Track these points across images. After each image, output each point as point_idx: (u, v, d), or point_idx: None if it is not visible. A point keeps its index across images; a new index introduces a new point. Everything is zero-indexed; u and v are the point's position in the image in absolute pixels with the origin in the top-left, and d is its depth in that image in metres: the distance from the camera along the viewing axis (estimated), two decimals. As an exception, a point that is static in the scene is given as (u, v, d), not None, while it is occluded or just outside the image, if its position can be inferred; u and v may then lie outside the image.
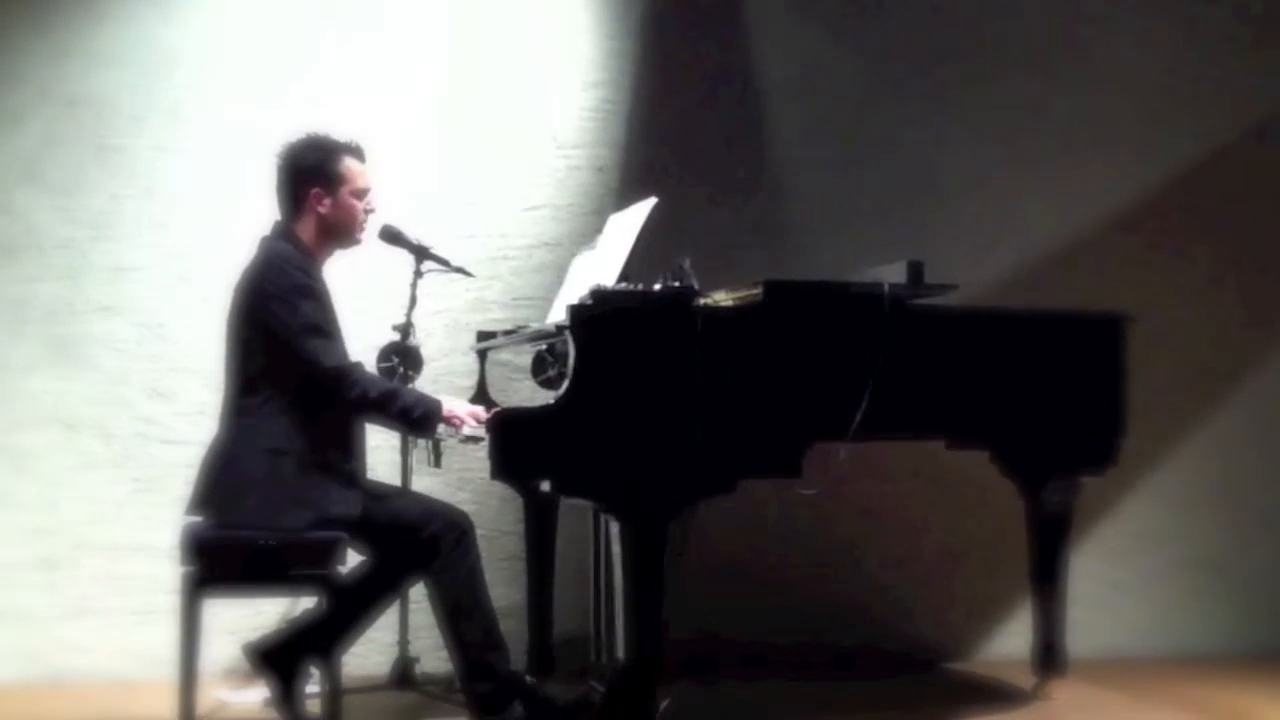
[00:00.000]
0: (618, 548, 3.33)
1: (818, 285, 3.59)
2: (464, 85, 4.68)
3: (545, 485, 3.34)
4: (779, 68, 4.85)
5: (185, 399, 4.43)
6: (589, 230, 4.42)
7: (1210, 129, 4.99)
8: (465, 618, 3.48)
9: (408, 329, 4.01)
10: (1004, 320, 3.85)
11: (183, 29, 4.57)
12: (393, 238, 3.98)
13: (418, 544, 3.49)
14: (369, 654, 4.24)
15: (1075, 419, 3.88)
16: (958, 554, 4.81)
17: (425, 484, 4.21)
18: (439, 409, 3.50)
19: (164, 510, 4.12)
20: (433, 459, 3.71)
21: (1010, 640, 4.66)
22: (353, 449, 3.59)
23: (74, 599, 4.39)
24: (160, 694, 3.57)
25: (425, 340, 4.16)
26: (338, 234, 3.64)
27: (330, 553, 3.40)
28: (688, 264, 3.42)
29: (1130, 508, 4.90)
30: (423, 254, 4.01)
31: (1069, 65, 4.95)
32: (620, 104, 4.77)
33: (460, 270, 4.07)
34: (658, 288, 3.42)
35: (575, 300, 3.36)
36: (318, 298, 3.51)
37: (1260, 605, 4.93)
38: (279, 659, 3.64)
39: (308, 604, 3.74)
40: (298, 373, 3.45)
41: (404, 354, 3.99)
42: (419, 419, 3.48)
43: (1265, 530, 4.98)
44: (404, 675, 4.22)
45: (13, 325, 4.44)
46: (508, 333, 4.23)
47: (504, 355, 4.35)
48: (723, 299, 3.49)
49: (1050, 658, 4.04)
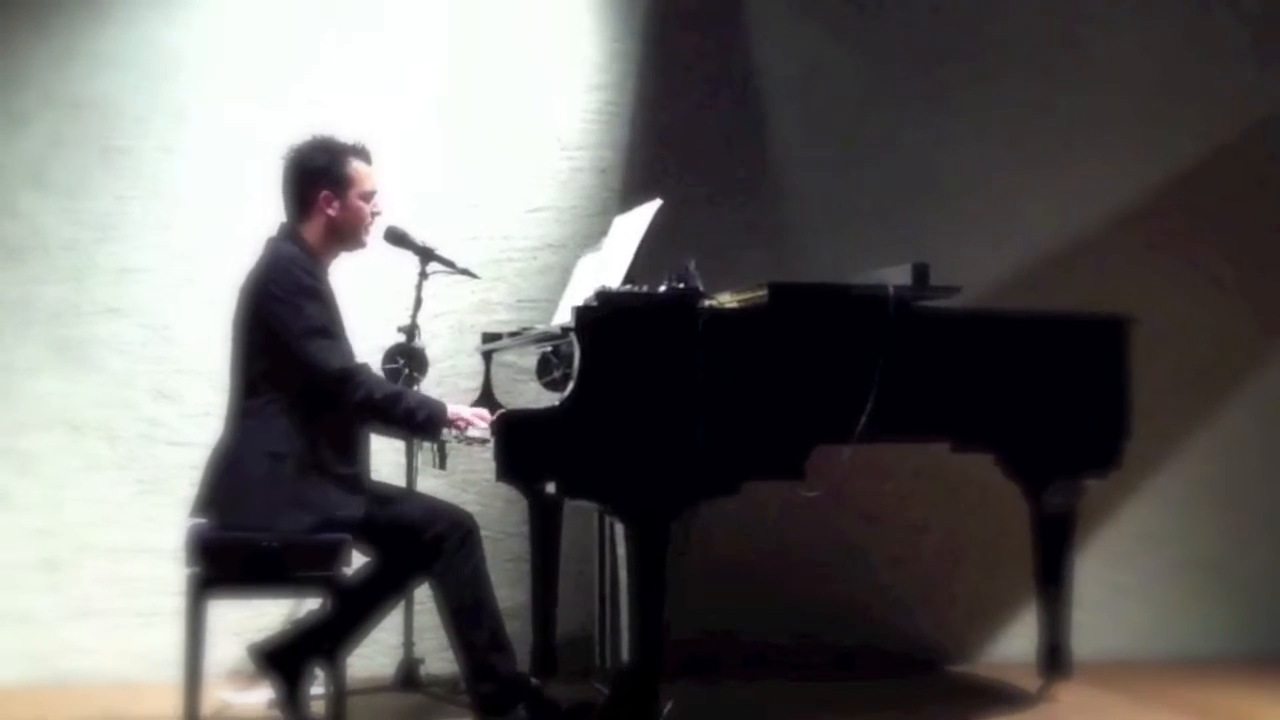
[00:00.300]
0: (622, 549, 3.34)
1: (822, 287, 3.59)
2: (467, 87, 4.68)
3: (550, 486, 3.34)
4: (780, 68, 4.86)
5: (190, 401, 4.43)
6: (593, 232, 4.43)
7: (1212, 128, 5.00)
8: (470, 619, 3.48)
9: (413, 330, 4.01)
10: (1008, 322, 3.85)
11: (186, 31, 4.57)
12: (398, 239, 3.99)
13: (421, 545, 3.49)
14: (374, 655, 4.24)
15: (1079, 421, 3.88)
16: (960, 555, 4.81)
17: (430, 485, 4.22)
18: (443, 412, 3.49)
19: (168, 512, 4.13)
20: (437, 461, 3.71)
21: (1014, 642, 4.67)
22: (356, 452, 3.59)
23: (78, 600, 4.39)
24: (164, 695, 3.57)
25: (430, 342, 4.16)
26: (345, 236, 3.64)
27: (334, 554, 3.40)
28: (693, 265, 3.43)
29: (1132, 510, 4.90)
30: (428, 255, 4.02)
31: (1070, 65, 4.96)
32: (623, 106, 4.78)
33: (465, 272, 4.08)
34: (662, 289, 3.43)
35: (580, 302, 3.37)
36: (323, 299, 3.51)
37: (1262, 607, 4.93)
38: (284, 660, 3.65)
39: (312, 605, 3.75)
40: (301, 375, 3.45)
41: (409, 355, 3.99)
42: (423, 422, 3.48)
43: (1267, 532, 4.98)
44: (409, 676, 4.22)
45: (18, 327, 4.45)
46: (513, 334, 4.24)
47: (509, 357, 4.36)
48: (727, 301, 3.49)
49: (1055, 660, 4.04)
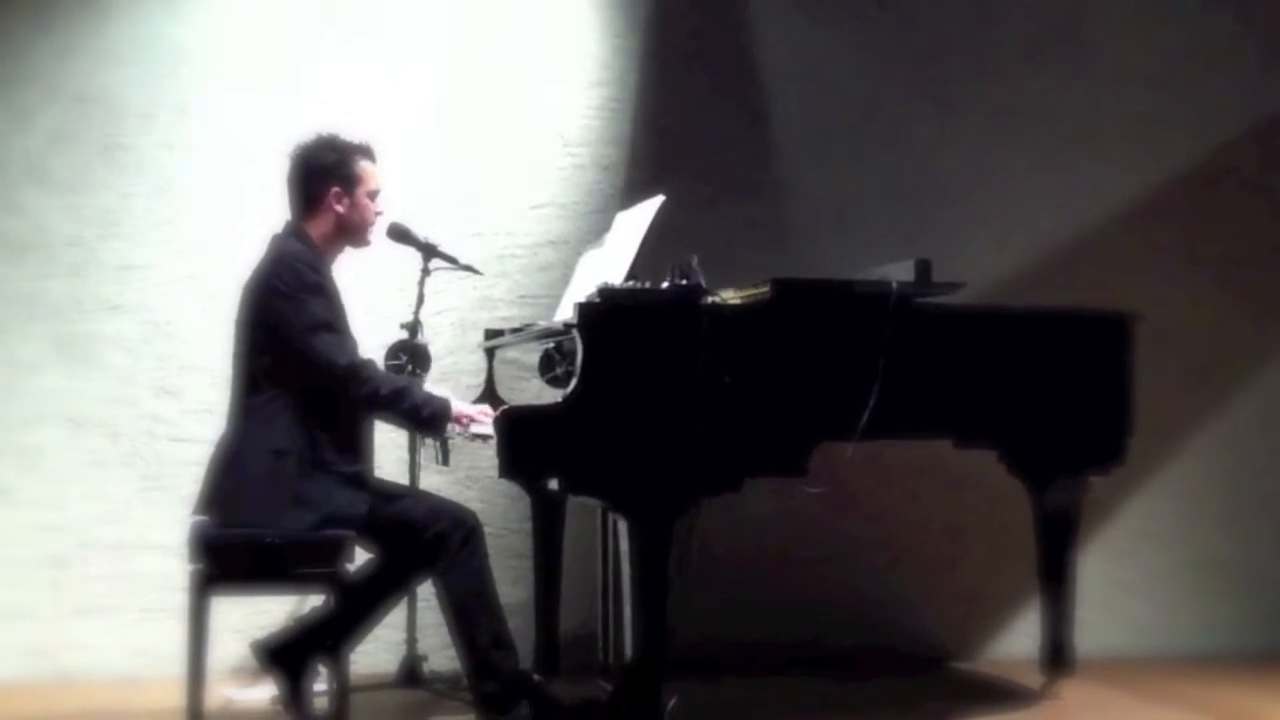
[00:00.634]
0: (625, 545, 3.33)
1: (825, 283, 3.58)
2: (469, 83, 4.68)
3: (553, 483, 3.34)
4: (783, 65, 4.85)
5: (193, 397, 4.43)
6: (595, 228, 4.43)
7: (1214, 126, 4.99)
8: (473, 617, 3.48)
9: (415, 327, 4.01)
10: (1011, 319, 3.85)
11: (190, 26, 4.57)
12: (401, 236, 3.99)
13: (424, 543, 3.49)
14: (377, 652, 4.24)
15: (1082, 418, 3.88)
16: (963, 552, 4.81)
17: (433, 482, 4.22)
18: (448, 409, 3.49)
19: (171, 508, 4.13)
20: (440, 457, 3.71)
21: (1017, 639, 4.66)
22: (360, 449, 3.59)
23: (81, 597, 4.39)
24: (167, 692, 3.57)
25: (433, 338, 4.15)
26: (351, 234, 3.65)
27: (337, 551, 3.40)
28: (695, 262, 3.42)
29: (1135, 507, 4.89)
30: (430, 252, 4.02)
31: (1072, 63, 4.95)
32: (626, 102, 4.77)
33: (468, 268, 4.08)
34: (665, 286, 3.43)
35: (583, 298, 3.36)
36: (327, 295, 3.51)
37: (1266, 605, 4.92)
38: (287, 657, 3.65)
39: (315, 602, 3.75)
40: (306, 371, 3.45)
41: (412, 352, 3.99)
42: (428, 418, 3.49)
43: (1271, 530, 4.97)
44: (412, 673, 4.22)
45: (21, 323, 4.45)
46: (515, 331, 4.23)
47: (511, 353, 4.35)
48: (730, 297, 3.48)
49: (1059, 657, 4.04)
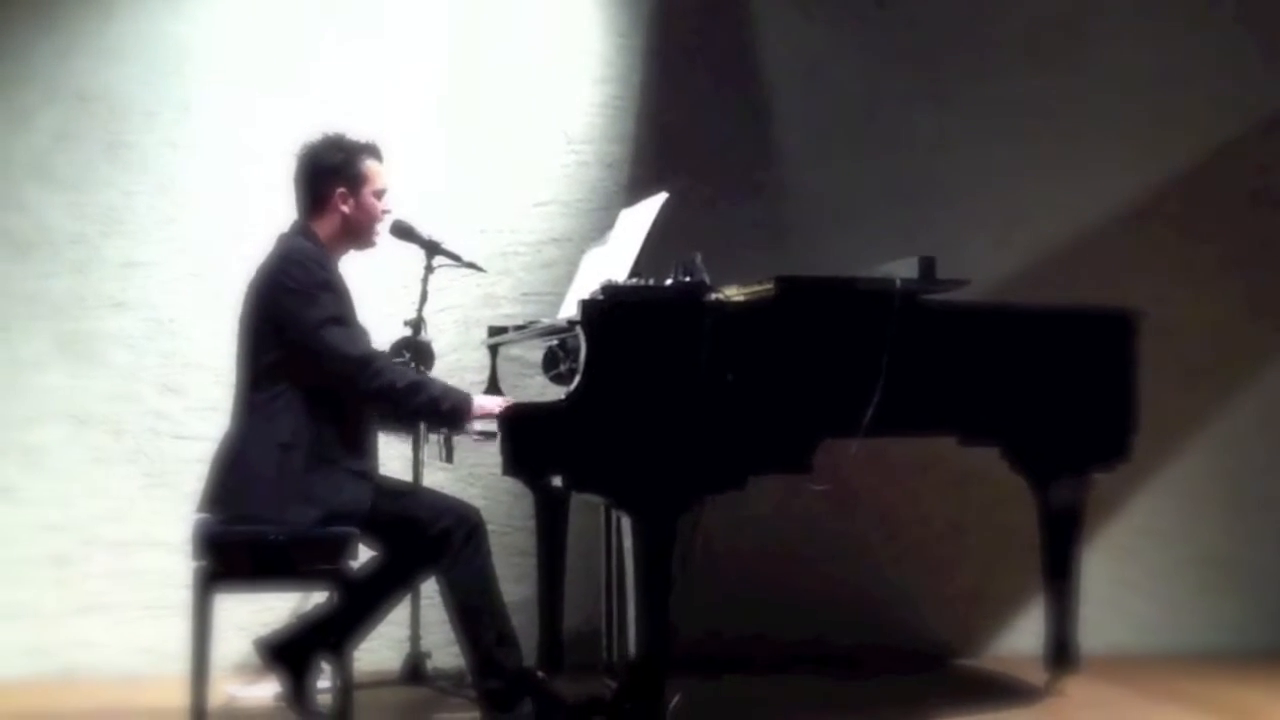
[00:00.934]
0: (628, 543, 3.33)
1: (829, 281, 3.58)
2: (473, 81, 4.68)
3: (556, 481, 3.33)
4: (787, 63, 4.85)
5: (196, 394, 4.43)
6: (599, 226, 4.43)
7: (1216, 124, 4.98)
8: (476, 614, 3.48)
9: (419, 324, 4.00)
10: (1015, 316, 3.85)
11: (192, 23, 4.57)
12: (404, 233, 3.98)
13: (428, 540, 3.48)
14: (380, 649, 4.24)
15: (1086, 415, 3.88)
16: (967, 549, 4.81)
17: (436, 479, 4.22)
18: (468, 403, 3.44)
19: (175, 505, 4.13)
20: (444, 454, 3.71)
21: (1021, 637, 4.66)
22: (365, 446, 3.58)
23: (85, 594, 4.39)
24: (171, 689, 3.56)
25: (436, 336, 4.15)
26: (357, 234, 3.64)
27: (341, 548, 3.39)
28: (699, 259, 3.42)
29: (1139, 505, 4.89)
30: (434, 249, 4.02)
31: (1075, 62, 4.94)
32: (629, 100, 4.77)
33: (471, 265, 4.07)
34: (669, 283, 3.42)
35: (586, 295, 3.36)
36: (337, 291, 3.50)
37: (1269, 602, 4.92)
38: (291, 654, 3.65)
39: (319, 599, 3.75)
40: (317, 366, 3.44)
41: (415, 349, 3.98)
42: (448, 411, 3.44)
43: (1273, 527, 4.96)
44: (415, 670, 4.22)
45: (24, 321, 4.45)
46: (519, 328, 4.23)
47: (515, 351, 4.35)
48: (734, 294, 3.48)
49: (1063, 654, 4.04)
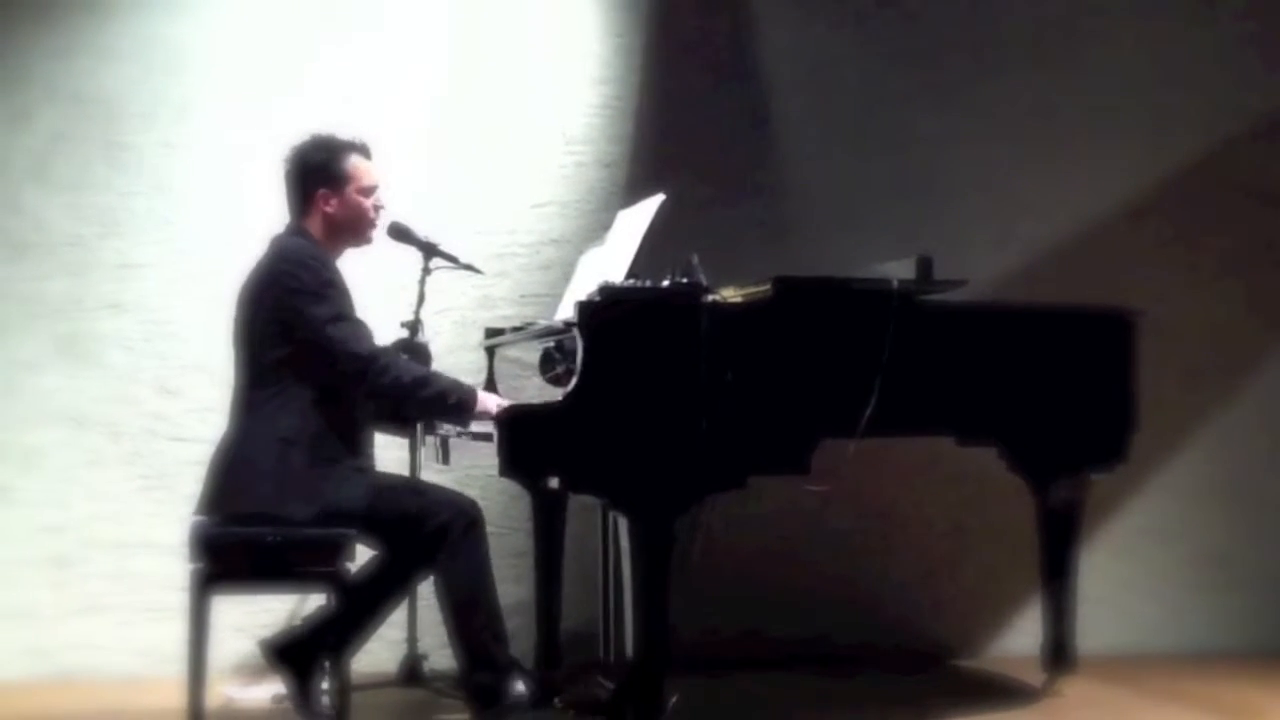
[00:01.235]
0: (626, 544, 3.33)
1: (827, 281, 3.58)
2: (470, 81, 4.67)
3: (554, 482, 3.34)
4: (786, 62, 4.85)
5: (194, 396, 4.42)
6: (596, 227, 4.42)
7: (1219, 122, 4.98)
8: (472, 607, 3.48)
9: (416, 326, 4.01)
10: (1013, 316, 3.85)
11: (190, 26, 4.57)
12: (401, 234, 3.98)
13: (427, 534, 3.48)
14: (378, 651, 4.21)
15: (1085, 415, 3.88)
16: (965, 549, 4.80)
17: (433, 481, 4.20)
18: (474, 398, 3.47)
19: (172, 507, 4.12)
20: (440, 456, 3.71)
21: (1019, 637, 4.65)
22: (361, 443, 3.59)
23: (83, 596, 4.39)
24: (169, 691, 3.56)
25: (433, 337, 4.15)
26: (347, 233, 3.65)
27: (339, 550, 3.40)
28: (696, 260, 3.42)
29: (1138, 504, 4.89)
30: (431, 251, 4.02)
31: (1075, 60, 4.94)
32: (627, 100, 4.77)
33: (468, 267, 4.07)
34: (666, 284, 3.42)
35: (584, 297, 3.36)
36: (341, 289, 3.52)
37: (1269, 601, 4.92)
38: (294, 656, 3.65)
39: (317, 601, 3.74)
40: (325, 363, 3.45)
41: (412, 351, 3.98)
42: (455, 405, 3.47)
43: (1273, 526, 4.96)
44: (412, 672, 4.22)
45: (22, 322, 4.45)
46: (516, 329, 4.23)
47: (512, 352, 4.35)
48: (731, 295, 3.48)
49: (1060, 655, 4.03)
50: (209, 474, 3.51)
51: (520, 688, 3.48)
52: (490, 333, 4.36)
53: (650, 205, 3.65)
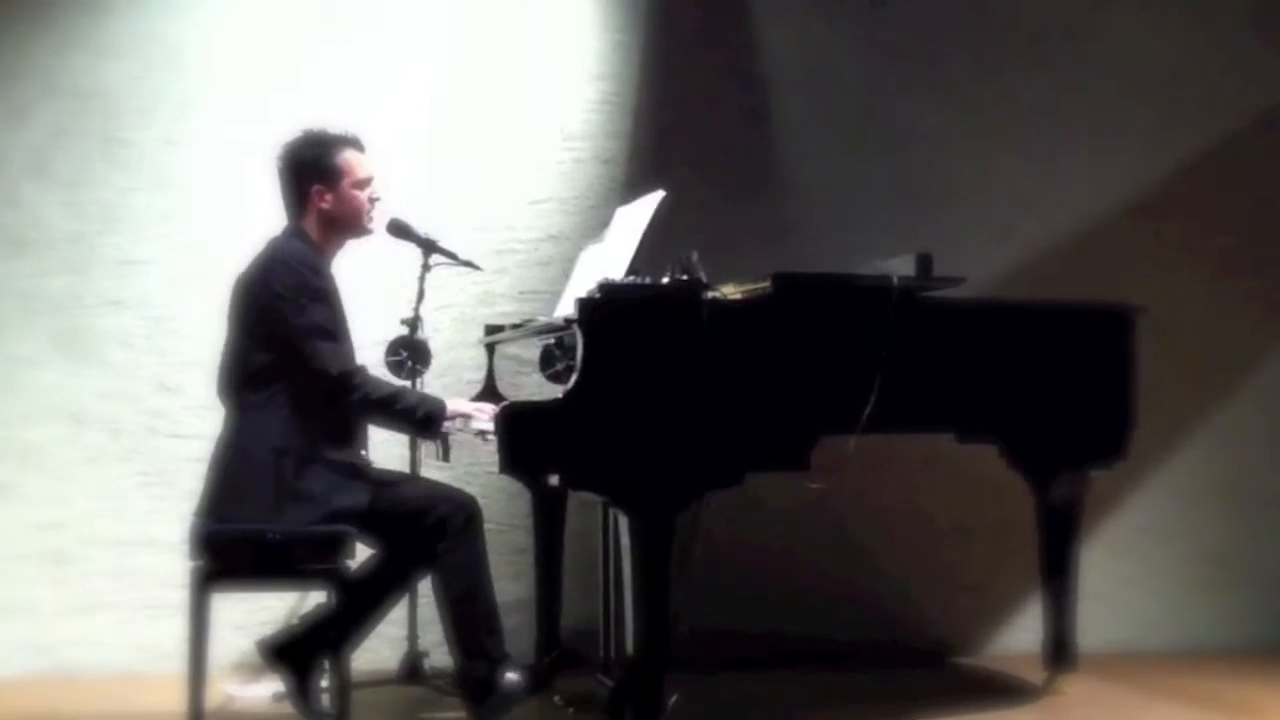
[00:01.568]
0: (626, 541, 3.33)
1: (826, 278, 3.58)
2: (469, 78, 4.67)
3: (554, 479, 3.34)
4: (785, 59, 4.84)
5: (193, 393, 4.41)
6: (595, 223, 4.41)
7: (1220, 119, 4.98)
8: (468, 602, 3.49)
9: (415, 322, 4.01)
10: (1013, 312, 3.84)
11: (188, 21, 4.56)
12: (400, 231, 3.98)
13: (426, 529, 3.49)
14: (378, 648, 4.22)
15: (1084, 412, 3.87)
16: (965, 547, 4.80)
17: (433, 478, 4.20)
18: (442, 409, 3.52)
19: (172, 504, 4.12)
20: (440, 453, 3.70)
21: (1019, 634, 4.65)
22: (354, 439, 3.59)
23: (82, 593, 4.39)
24: (169, 688, 3.56)
25: (433, 334, 4.15)
26: (344, 227, 3.64)
27: (338, 547, 3.40)
28: (696, 257, 3.41)
29: (1138, 501, 4.89)
30: (430, 247, 4.01)
31: (1075, 57, 4.93)
32: (626, 96, 4.76)
33: (468, 263, 4.07)
34: (666, 281, 3.42)
35: (583, 293, 3.35)
36: (326, 299, 3.51)
37: (1269, 599, 4.92)
38: (294, 654, 3.64)
39: (317, 599, 3.74)
40: (303, 371, 3.45)
41: (412, 348, 3.99)
42: (422, 419, 3.51)
43: (1273, 523, 4.96)
44: (413, 669, 4.21)
45: (21, 319, 4.44)
46: (515, 326, 4.22)
47: (512, 349, 4.34)
48: (731, 292, 3.47)
49: (1061, 653, 4.03)
50: (207, 482, 3.51)
51: (513, 676, 3.49)
52: (490, 329, 4.35)
53: (650, 202, 3.65)
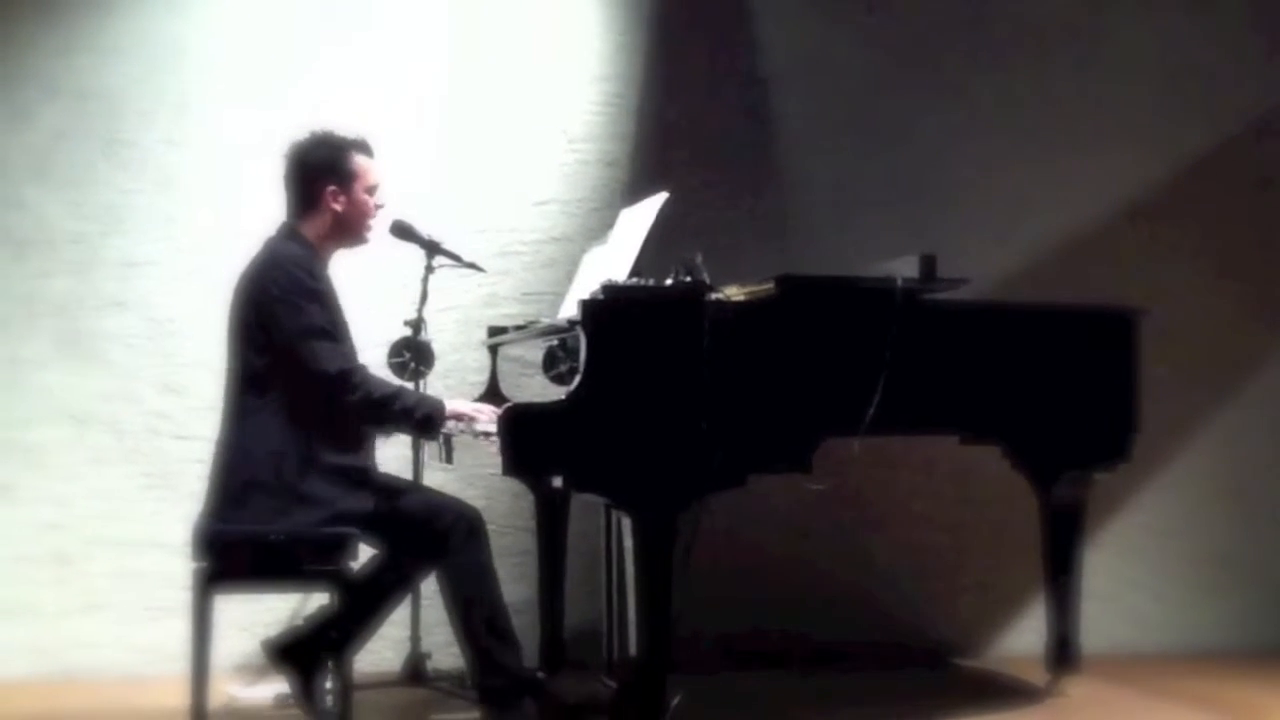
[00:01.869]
0: (629, 542, 3.32)
1: (830, 280, 3.58)
2: (473, 79, 4.67)
3: (557, 480, 3.33)
4: (788, 59, 4.84)
5: (196, 394, 4.41)
6: (599, 225, 4.42)
7: (1221, 120, 4.98)
8: (476, 613, 3.48)
9: (419, 324, 4.01)
10: (1016, 314, 3.84)
11: (191, 22, 4.56)
12: (404, 233, 3.98)
13: (429, 539, 3.49)
14: (381, 649, 4.23)
15: (1087, 414, 3.87)
16: (968, 548, 4.80)
17: (436, 480, 4.20)
18: (442, 409, 3.50)
19: (175, 505, 4.13)
20: (444, 455, 3.70)
21: (1022, 636, 4.65)
22: (360, 445, 3.58)
23: (85, 594, 4.39)
24: (171, 690, 3.56)
25: (436, 336, 4.15)
26: (349, 232, 3.63)
27: (341, 549, 3.40)
28: (699, 258, 3.41)
29: (1142, 502, 4.88)
30: (434, 249, 4.01)
31: (1078, 56, 4.94)
32: (629, 98, 4.76)
33: (471, 265, 4.07)
34: (669, 282, 3.41)
35: (587, 295, 3.35)
36: (323, 300, 3.50)
37: (1272, 600, 4.92)
38: (298, 655, 3.65)
39: (320, 600, 3.74)
40: (301, 374, 3.45)
41: (415, 349, 3.99)
42: (421, 420, 3.49)
43: (1276, 525, 4.96)
44: (416, 671, 4.21)
45: (24, 320, 4.44)
46: (519, 328, 4.22)
47: (515, 350, 4.34)
48: (734, 293, 3.47)
49: (1064, 654, 4.02)
50: (210, 487, 3.50)
51: (530, 707, 3.48)
52: (493, 331, 4.35)
53: (653, 204, 3.65)
